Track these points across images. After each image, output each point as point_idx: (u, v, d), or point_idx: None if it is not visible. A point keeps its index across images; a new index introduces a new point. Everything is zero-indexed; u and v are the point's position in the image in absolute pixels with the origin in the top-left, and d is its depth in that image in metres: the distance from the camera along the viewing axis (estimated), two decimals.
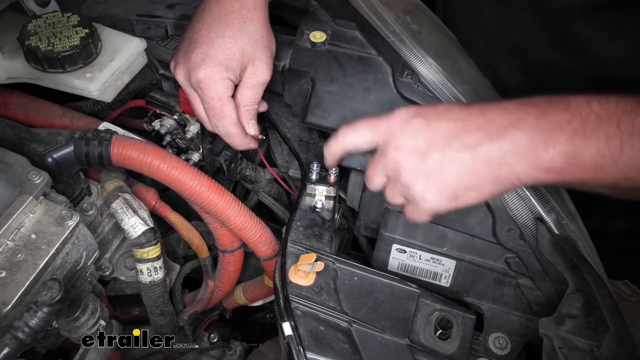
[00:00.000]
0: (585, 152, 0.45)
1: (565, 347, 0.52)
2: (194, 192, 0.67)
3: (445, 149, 0.49)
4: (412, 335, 0.59)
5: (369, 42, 0.72)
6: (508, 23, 0.68)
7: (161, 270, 0.68)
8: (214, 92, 0.62)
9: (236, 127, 0.65)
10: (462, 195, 0.50)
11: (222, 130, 0.66)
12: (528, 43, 0.67)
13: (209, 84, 0.62)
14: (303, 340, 0.55)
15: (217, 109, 0.63)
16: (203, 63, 0.61)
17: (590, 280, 0.55)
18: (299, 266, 0.60)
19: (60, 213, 0.56)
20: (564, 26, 0.62)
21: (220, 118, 0.64)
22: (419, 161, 0.50)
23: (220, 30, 0.62)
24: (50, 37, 0.61)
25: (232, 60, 0.62)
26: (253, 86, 0.64)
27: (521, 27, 0.67)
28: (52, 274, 0.54)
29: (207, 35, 0.62)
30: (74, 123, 0.70)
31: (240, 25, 0.63)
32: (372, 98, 0.69)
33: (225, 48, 0.62)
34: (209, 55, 0.61)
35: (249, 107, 0.65)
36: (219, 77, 0.62)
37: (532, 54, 0.67)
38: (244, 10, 0.64)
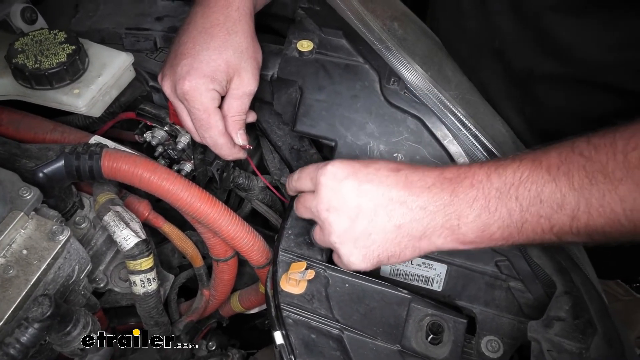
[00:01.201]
0: (492, 226, 0.49)
1: (554, 350, 0.52)
2: (185, 203, 0.67)
3: (373, 219, 0.53)
4: (403, 341, 0.59)
5: (355, 50, 0.73)
6: (488, 29, 0.68)
7: (154, 282, 0.68)
8: (200, 103, 0.63)
9: (223, 138, 0.66)
10: (384, 260, 0.55)
11: (210, 140, 0.67)
12: (508, 49, 0.67)
13: (194, 95, 0.63)
14: (294, 349, 0.56)
15: (203, 120, 0.64)
16: (188, 75, 0.62)
17: (579, 282, 0.55)
18: (290, 275, 0.61)
19: (52, 228, 0.56)
20: (544, 29, 0.63)
21: (207, 129, 0.65)
22: (348, 226, 0.54)
23: (206, 43, 0.63)
24: (37, 55, 0.61)
25: (217, 71, 0.63)
26: (240, 97, 0.65)
27: (501, 32, 0.67)
28: (44, 289, 0.55)
29: (193, 47, 0.63)
30: (65, 137, 0.70)
31: (225, 37, 0.64)
32: (360, 105, 0.69)
33: (210, 60, 0.63)
34: (194, 67, 0.62)
35: (237, 117, 0.66)
36: (205, 89, 0.62)
37: (513, 60, 0.68)
38: (229, 23, 0.64)
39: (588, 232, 0.45)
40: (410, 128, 0.67)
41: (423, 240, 0.52)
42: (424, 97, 0.68)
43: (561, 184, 0.45)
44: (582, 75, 0.63)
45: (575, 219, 0.45)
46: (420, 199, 0.51)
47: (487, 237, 0.50)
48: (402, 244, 0.53)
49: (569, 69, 0.63)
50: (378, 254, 0.54)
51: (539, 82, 0.66)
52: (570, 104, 0.66)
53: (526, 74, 0.67)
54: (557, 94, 0.56)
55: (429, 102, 0.67)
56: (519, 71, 0.68)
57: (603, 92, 0.59)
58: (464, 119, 0.67)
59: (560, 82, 0.65)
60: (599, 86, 0.62)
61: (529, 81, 0.67)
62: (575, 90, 0.64)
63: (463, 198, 0.50)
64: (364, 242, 0.53)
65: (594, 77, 0.62)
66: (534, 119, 0.71)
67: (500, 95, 0.70)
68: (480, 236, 0.50)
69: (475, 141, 0.65)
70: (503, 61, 0.69)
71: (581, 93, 0.59)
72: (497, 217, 0.49)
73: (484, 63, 0.71)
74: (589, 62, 0.61)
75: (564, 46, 0.61)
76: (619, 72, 0.61)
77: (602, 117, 0.55)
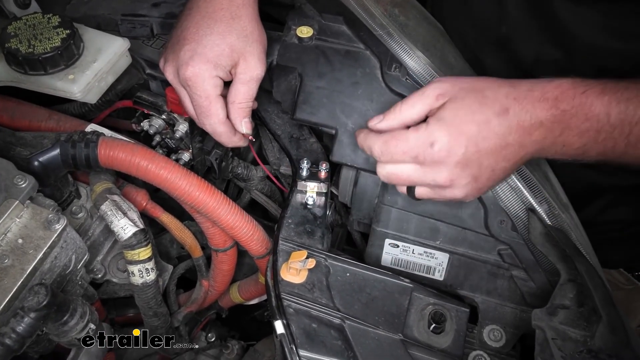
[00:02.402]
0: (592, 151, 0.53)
1: (558, 338, 0.52)
2: (183, 192, 0.66)
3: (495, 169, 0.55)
4: (405, 330, 0.58)
5: (356, 36, 0.71)
6: (496, 14, 0.67)
7: (153, 272, 0.68)
8: (202, 90, 0.62)
9: (223, 126, 0.65)
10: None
11: (210, 128, 0.65)
12: (516, 35, 0.66)
13: (197, 81, 0.61)
14: (295, 338, 0.55)
15: (204, 107, 0.63)
16: (191, 60, 0.61)
17: (583, 270, 0.54)
18: (291, 264, 0.60)
19: (47, 217, 0.55)
20: (554, 16, 0.61)
21: (207, 116, 0.64)
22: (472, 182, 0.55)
23: (209, 27, 0.62)
24: (31, 39, 0.60)
25: (221, 57, 0.61)
26: (247, 82, 0.64)
27: (509, 18, 0.66)
28: (41, 279, 0.54)
29: (196, 32, 0.62)
30: (60, 125, 0.69)
31: (229, 21, 0.62)
32: (361, 92, 0.68)
33: (214, 45, 0.61)
34: (197, 53, 0.61)
35: (243, 104, 0.64)
36: (208, 75, 0.61)
37: (520, 47, 0.67)
38: (233, 7, 0.63)
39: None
40: None
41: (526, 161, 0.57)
42: (425, 84, 0.66)
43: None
44: (588, 64, 0.62)
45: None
46: (533, 137, 0.53)
47: (582, 158, 0.55)
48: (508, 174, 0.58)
49: (575, 58, 0.62)
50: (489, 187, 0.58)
51: (545, 71, 0.66)
52: None
53: (532, 62, 0.66)
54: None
55: None
56: (525, 58, 0.67)
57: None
58: None
59: (565, 71, 0.64)
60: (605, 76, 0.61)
61: (535, 69, 0.66)
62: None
63: (575, 129, 0.52)
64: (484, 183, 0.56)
65: (600, 67, 0.61)
66: None
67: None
68: (575, 157, 0.55)
69: None
70: (509, 48, 0.68)
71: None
72: (601, 148, 0.52)
73: (488, 50, 0.70)
74: (595, 51, 0.60)
75: (573, 34, 0.60)
76: (625, 61, 0.60)
77: None
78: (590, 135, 0.52)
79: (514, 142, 0.53)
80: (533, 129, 0.53)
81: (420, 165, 0.55)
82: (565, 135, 0.53)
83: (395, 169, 0.57)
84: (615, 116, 0.51)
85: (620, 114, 0.51)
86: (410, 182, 0.57)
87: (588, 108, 0.52)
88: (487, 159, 0.54)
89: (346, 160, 0.67)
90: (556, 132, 0.53)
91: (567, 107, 0.52)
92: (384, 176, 0.58)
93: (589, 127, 0.52)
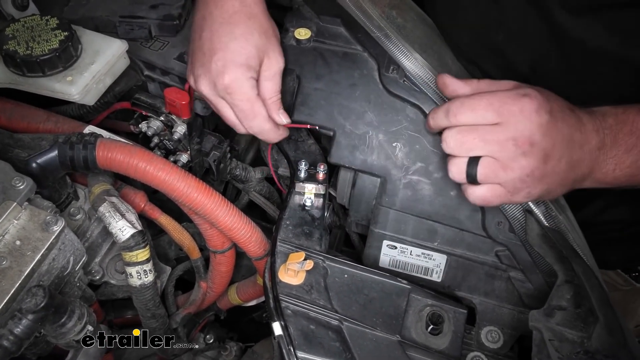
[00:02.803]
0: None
1: (555, 339, 0.52)
2: (181, 194, 0.66)
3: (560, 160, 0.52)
4: (403, 332, 0.59)
5: (354, 38, 0.71)
6: (492, 23, 0.67)
7: (151, 273, 0.67)
8: (243, 94, 0.63)
9: (269, 123, 0.65)
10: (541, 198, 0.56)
11: (257, 129, 0.66)
12: (512, 44, 0.66)
13: (236, 88, 0.62)
14: (293, 340, 0.55)
15: (248, 109, 0.64)
16: (225, 69, 0.61)
17: (580, 271, 0.55)
18: (289, 265, 0.60)
19: (45, 219, 0.55)
20: (554, 24, 0.61)
21: (252, 118, 0.64)
22: (541, 162, 0.51)
23: (231, 33, 0.62)
24: (29, 41, 0.60)
25: (250, 58, 0.62)
26: (272, 77, 0.65)
27: (506, 27, 0.66)
28: (39, 280, 0.54)
29: (219, 40, 0.62)
30: (58, 127, 0.69)
31: (247, 22, 0.63)
32: (359, 94, 0.68)
33: (241, 48, 0.62)
34: (229, 60, 0.61)
35: (274, 98, 0.65)
36: (244, 78, 0.62)
37: (517, 55, 0.67)
38: (246, 8, 0.64)
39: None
40: (410, 117, 0.67)
41: (576, 183, 0.55)
42: (423, 86, 0.67)
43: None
44: (589, 73, 0.62)
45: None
46: (592, 144, 0.53)
47: (636, 180, 0.55)
48: (569, 184, 0.55)
49: (575, 66, 0.62)
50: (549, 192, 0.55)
51: (542, 79, 0.66)
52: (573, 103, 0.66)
53: (528, 69, 0.66)
54: (559, 93, 0.55)
55: (428, 90, 0.66)
56: (521, 65, 0.67)
57: (607, 92, 0.59)
58: None
59: (563, 80, 0.64)
60: (603, 85, 0.62)
61: (531, 77, 0.66)
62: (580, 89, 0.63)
63: (622, 144, 0.53)
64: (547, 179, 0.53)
65: (602, 75, 0.61)
66: None
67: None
68: (629, 179, 0.55)
69: None
70: (505, 56, 0.68)
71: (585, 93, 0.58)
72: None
73: (484, 57, 0.70)
74: (598, 59, 0.61)
75: (574, 42, 0.60)
76: (623, 71, 0.61)
77: None
78: (639, 151, 0.54)
79: (577, 141, 0.53)
80: (591, 136, 0.53)
81: (502, 125, 0.51)
82: (615, 150, 0.54)
83: (468, 130, 0.52)
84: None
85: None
86: (480, 146, 0.51)
87: (631, 123, 0.53)
88: (560, 142, 0.52)
89: (344, 161, 0.67)
90: (607, 146, 0.54)
91: (613, 122, 0.54)
92: (451, 138, 0.53)
93: (635, 142, 0.53)
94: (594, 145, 0.53)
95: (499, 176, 0.52)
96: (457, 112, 0.52)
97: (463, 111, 0.52)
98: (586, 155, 0.53)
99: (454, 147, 0.53)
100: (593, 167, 0.54)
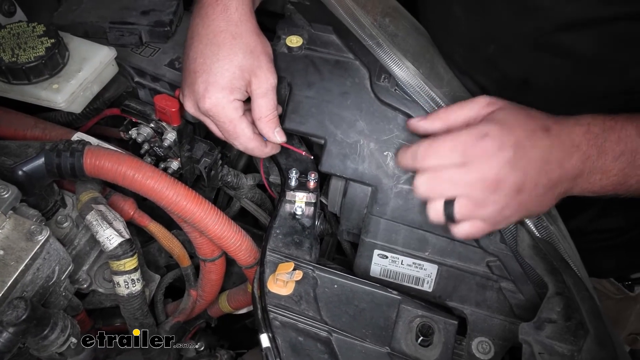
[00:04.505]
0: (632, 179, 0.53)
1: (545, 353, 0.51)
2: (170, 202, 0.65)
3: (537, 184, 0.52)
4: (393, 343, 0.58)
5: (345, 45, 0.71)
6: (484, 35, 0.67)
7: (139, 282, 0.67)
8: (224, 116, 0.63)
9: (253, 142, 0.65)
10: (527, 216, 0.58)
11: (241, 147, 0.66)
12: (504, 56, 0.66)
13: (217, 110, 0.62)
14: (281, 352, 0.54)
15: (231, 130, 0.64)
16: (206, 92, 0.61)
17: (570, 282, 0.54)
18: (278, 275, 0.59)
19: (30, 228, 0.54)
20: (549, 38, 0.61)
21: (235, 138, 0.65)
22: (515, 192, 0.52)
23: (214, 55, 0.62)
24: (15, 48, 0.59)
25: (234, 80, 0.62)
26: (264, 94, 0.64)
27: (498, 39, 0.66)
28: (22, 291, 0.53)
29: (203, 62, 0.62)
30: (46, 134, 0.68)
31: (231, 42, 0.62)
32: (350, 102, 0.68)
33: (224, 70, 0.62)
34: (210, 83, 0.61)
35: (270, 116, 0.65)
36: (226, 102, 0.62)
37: (508, 68, 0.67)
38: (232, 27, 0.63)
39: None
40: (401, 126, 0.66)
41: (560, 197, 0.55)
42: (415, 95, 0.66)
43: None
44: (583, 85, 0.62)
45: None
46: (573, 159, 0.53)
47: (624, 188, 0.54)
48: (552, 201, 0.55)
49: (569, 78, 0.62)
50: (531, 213, 0.56)
51: (535, 91, 0.65)
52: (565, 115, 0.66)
53: (520, 82, 0.66)
54: (552, 105, 0.55)
55: (420, 99, 0.66)
56: (513, 77, 0.67)
57: (600, 104, 0.59)
58: None
59: (555, 92, 0.64)
60: (596, 97, 0.61)
61: (524, 89, 0.66)
62: (572, 100, 0.63)
63: (610, 153, 0.52)
64: (525, 205, 0.53)
65: (591, 86, 0.61)
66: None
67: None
68: (616, 187, 0.54)
69: None
70: (497, 67, 0.68)
71: (577, 104, 0.58)
72: (639, 172, 0.52)
73: (476, 68, 0.70)
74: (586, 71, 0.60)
75: (567, 54, 0.60)
76: (613, 81, 0.61)
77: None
78: (626, 158, 0.52)
79: (555, 160, 0.52)
80: (572, 151, 0.53)
81: (467, 165, 0.52)
82: (601, 160, 0.53)
83: (437, 175, 0.54)
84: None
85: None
86: (451, 189, 0.53)
87: (619, 130, 0.53)
88: (532, 169, 0.52)
89: (335, 170, 0.67)
90: (593, 157, 0.53)
91: (599, 130, 0.53)
92: (422, 184, 0.55)
93: (623, 149, 0.52)
94: (577, 159, 0.53)
95: (476, 213, 0.54)
96: (424, 156, 0.55)
97: (429, 155, 0.55)
98: (568, 171, 0.53)
99: (427, 193, 0.55)
100: (577, 179, 0.54)
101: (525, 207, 0.54)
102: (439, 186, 0.54)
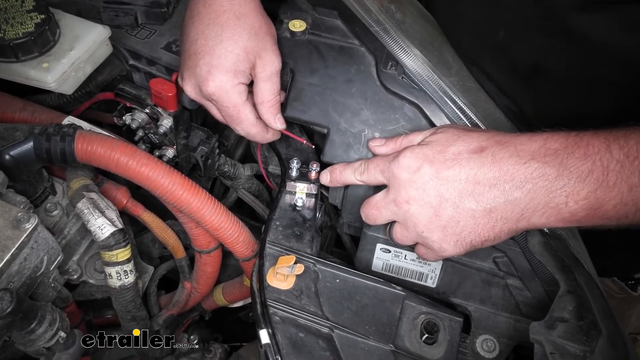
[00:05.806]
0: (608, 203, 0.45)
1: (557, 353, 0.49)
2: (165, 191, 0.63)
3: (459, 206, 0.50)
4: (397, 341, 0.56)
5: (351, 31, 0.68)
6: (493, 21, 0.65)
7: (132, 274, 0.64)
8: (228, 101, 0.60)
9: (255, 127, 0.63)
10: (478, 245, 0.51)
11: (243, 132, 0.64)
12: (514, 42, 0.64)
13: (221, 94, 0.60)
14: (281, 349, 0.52)
15: (233, 115, 0.61)
16: (210, 75, 0.59)
17: (582, 281, 0.53)
18: (278, 269, 0.57)
19: (17, 215, 0.51)
20: (560, 21, 0.59)
21: (238, 123, 0.63)
22: (433, 215, 0.51)
23: (217, 35, 0.59)
24: (2, 24, 0.56)
25: (238, 62, 0.59)
26: (268, 78, 0.61)
27: (508, 25, 0.63)
28: (8, 282, 0.50)
29: (205, 43, 0.59)
30: (35, 117, 0.65)
31: (235, 23, 0.60)
32: (355, 90, 0.65)
33: (228, 52, 0.59)
34: (214, 65, 0.58)
35: (272, 101, 0.62)
36: (230, 85, 0.59)
37: (518, 54, 0.64)
38: (235, 6, 0.60)
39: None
40: (408, 115, 0.64)
41: (521, 222, 0.49)
42: (422, 83, 0.64)
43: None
44: (591, 71, 0.59)
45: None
46: (516, 179, 0.47)
47: (599, 215, 0.46)
48: (496, 228, 0.49)
49: (579, 63, 0.60)
50: (471, 239, 0.51)
51: (544, 77, 0.63)
52: (575, 103, 0.63)
53: (530, 68, 0.64)
54: (562, 93, 0.53)
55: (428, 88, 0.64)
56: (524, 64, 0.64)
57: (611, 91, 0.57)
58: (465, 107, 0.64)
59: (565, 79, 0.61)
60: (607, 84, 0.59)
61: (533, 75, 0.64)
62: (582, 87, 0.61)
63: (574, 171, 0.45)
64: (453, 229, 0.50)
65: (604, 73, 0.59)
66: (537, 116, 0.68)
67: (504, 85, 0.67)
68: (591, 214, 0.46)
69: None
70: (506, 54, 0.65)
71: (588, 91, 0.55)
72: (615, 194, 0.44)
73: (484, 55, 0.68)
74: (599, 57, 0.58)
75: (581, 39, 0.58)
76: (627, 67, 0.58)
77: (606, 118, 0.52)
78: (597, 176, 0.45)
79: (486, 180, 0.48)
80: (514, 170, 0.47)
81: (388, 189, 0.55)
82: (563, 179, 0.46)
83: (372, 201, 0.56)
84: (617, 150, 0.44)
85: (622, 148, 0.44)
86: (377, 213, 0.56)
87: (585, 146, 0.46)
88: (447, 190, 0.50)
89: (338, 160, 0.64)
90: (550, 176, 0.46)
91: (559, 146, 0.47)
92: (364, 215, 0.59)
93: (591, 167, 0.45)
94: (522, 179, 0.47)
95: (408, 236, 0.55)
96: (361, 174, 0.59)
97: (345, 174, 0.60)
98: (507, 192, 0.48)
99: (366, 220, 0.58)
100: (534, 202, 0.47)
101: (454, 232, 0.51)
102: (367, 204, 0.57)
